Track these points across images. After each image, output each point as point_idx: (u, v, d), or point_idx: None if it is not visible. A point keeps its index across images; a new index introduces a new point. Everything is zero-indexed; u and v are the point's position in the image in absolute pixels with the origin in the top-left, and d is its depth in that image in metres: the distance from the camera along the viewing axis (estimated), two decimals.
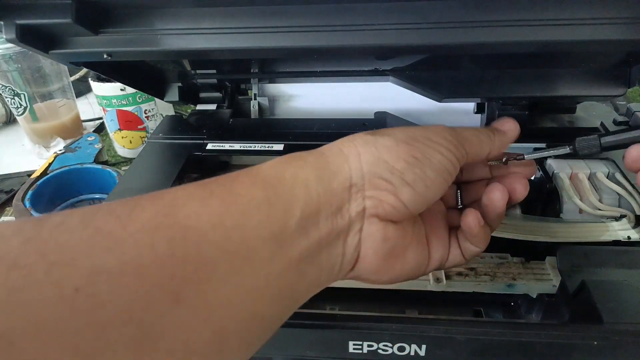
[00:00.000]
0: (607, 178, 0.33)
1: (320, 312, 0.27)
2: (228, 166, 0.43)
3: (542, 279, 0.31)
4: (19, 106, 0.70)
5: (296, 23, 0.29)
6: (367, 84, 0.46)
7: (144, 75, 0.46)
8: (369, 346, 0.27)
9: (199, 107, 0.50)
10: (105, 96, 0.62)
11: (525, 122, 0.42)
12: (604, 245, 0.30)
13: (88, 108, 0.83)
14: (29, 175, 0.57)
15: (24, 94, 0.69)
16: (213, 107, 0.49)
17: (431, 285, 0.31)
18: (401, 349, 0.26)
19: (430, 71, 0.42)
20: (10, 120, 0.82)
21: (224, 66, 0.47)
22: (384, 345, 0.26)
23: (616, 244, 0.30)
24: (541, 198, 0.35)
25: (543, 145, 0.38)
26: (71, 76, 0.81)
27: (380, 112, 0.45)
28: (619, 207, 0.32)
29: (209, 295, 0.17)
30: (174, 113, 0.69)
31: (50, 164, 0.58)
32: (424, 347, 0.26)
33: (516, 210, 0.34)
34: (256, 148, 0.41)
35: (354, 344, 0.27)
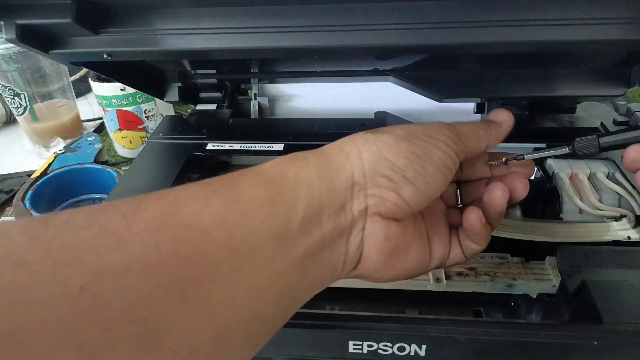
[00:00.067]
0: (607, 178, 0.33)
1: (320, 312, 0.27)
2: (228, 166, 0.43)
3: (542, 279, 0.31)
4: (19, 106, 0.70)
5: (296, 23, 0.29)
6: (367, 84, 0.46)
7: (144, 75, 0.46)
8: (369, 346, 0.27)
9: (199, 107, 0.50)
10: (105, 96, 0.62)
11: (525, 122, 0.42)
12: (604, 245, 0.30)
13: (88, 108, 0.83)
14: (29, 175, 0.57)
15: (24, 94, 0.69)
16: (213, 107, 0.49)
17: (431, 285, 0.31)
18: (401, 349, 0.26)
19: (430, 71, 0.42)
20: (10, 120, 0.82)
21: (224, 66, 0.47)
22: (384, 345, 0.26)
23: (616, 244, 0.30)
24: (541, 198, 0.35)
25: (543, 145, 0.38)
26: (71, 76, 0.81)
27: (380, 112, 0.45)
28: (619, 207, 0.32)
29: (213, 294, 0.17)
30: (174, 113, 0.69)
31: (50, 164, 0.58)
32: (424, 347, 0.26)
33: (516, 210, 0.34)
34: (256, 148, 0.41)
35: (354, 344, 0.27)
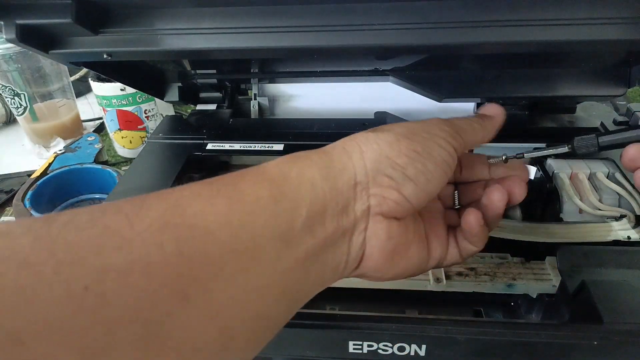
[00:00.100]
0: (607, 178, 0.33)
1: (320, 312, 0.27)
2: (228, 166, 0.43)
3: (542, 279, 0.31)
4: (19, 106, 0.70)
5: (296, 23, 0.29)
6: (367, 84, 0.46)
7: (144, 75, 0.46)
8: (369, 346, 0.27)
9: (199, 107, 0.50)
10: (105, 96, 0.62)
11: (525, 122, 0.42)
12: (604, 245, 0.30)
13: (88, 108, 0.83)
14: (29, 175, 0.57)
15: (24, 94, 0.69)
16: (213, 107, 0.49)
17: (431, 285, 0.31)
18: (401, 349, 0.26)
19: (430, 71, 0.42)
20: (10, 120, 0.82)
21: (224, 66, 0.47)
22: (384, 345, 0.26)
23: (616, 244, 0.30)
24: (541, 198, 0.35)
25: (543, 145, 0.38)
26: (71, 76, 0.81)
27: (380, 112, 0.45)
28: (619, 207, 0.32)
29: (216, 294, 0.17)
30: (174, 113, 0.69)
31: (50, 164, 0.58)
32: (424, 347, 0.26)
33: (516, 210, 0.34)
34: (256, 148, 0.41)
35: (354, 344, 0.27)
